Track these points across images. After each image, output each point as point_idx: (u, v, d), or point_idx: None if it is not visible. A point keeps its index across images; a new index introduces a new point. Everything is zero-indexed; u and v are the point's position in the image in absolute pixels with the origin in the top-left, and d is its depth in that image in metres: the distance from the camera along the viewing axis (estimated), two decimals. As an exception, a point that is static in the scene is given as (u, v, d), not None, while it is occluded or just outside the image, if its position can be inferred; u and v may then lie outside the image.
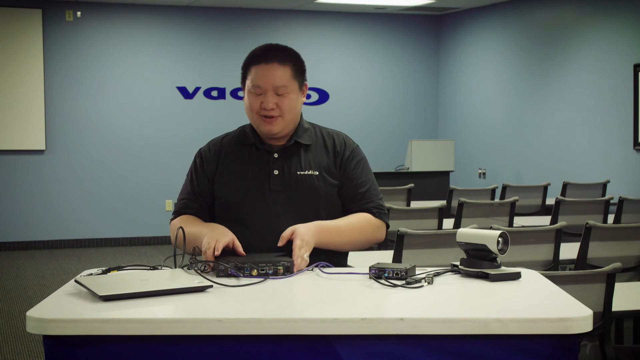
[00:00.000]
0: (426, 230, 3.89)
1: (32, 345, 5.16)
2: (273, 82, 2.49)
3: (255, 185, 2.52)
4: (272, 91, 2.49)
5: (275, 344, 1.77)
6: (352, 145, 2.64)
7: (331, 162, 2.57)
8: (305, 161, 2.55)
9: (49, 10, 9.28)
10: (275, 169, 2.54)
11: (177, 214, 2.63)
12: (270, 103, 2.49)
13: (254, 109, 2.52)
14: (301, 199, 2.51)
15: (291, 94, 2.52)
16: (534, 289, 2.09)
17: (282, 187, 2.52)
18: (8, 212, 9.26)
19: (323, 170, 2.55)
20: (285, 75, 2.51)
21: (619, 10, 8.07)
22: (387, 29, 10.62)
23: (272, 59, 2.51)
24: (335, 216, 2.55)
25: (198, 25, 9.85)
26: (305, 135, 2.60)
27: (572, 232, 5.01)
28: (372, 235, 2.57)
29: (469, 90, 10.34)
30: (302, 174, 2.53)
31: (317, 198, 2.52)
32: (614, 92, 8.06)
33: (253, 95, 2.52)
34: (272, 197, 2.51)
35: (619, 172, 7.95)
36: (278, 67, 2.50)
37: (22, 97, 9.16)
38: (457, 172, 10.02)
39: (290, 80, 2.52)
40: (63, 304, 1.90)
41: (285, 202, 2.51)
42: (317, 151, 2.58)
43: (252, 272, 2.17)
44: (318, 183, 2.53)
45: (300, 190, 2.52)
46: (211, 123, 9.82)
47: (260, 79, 2.50)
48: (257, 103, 2.51)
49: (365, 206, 2.56)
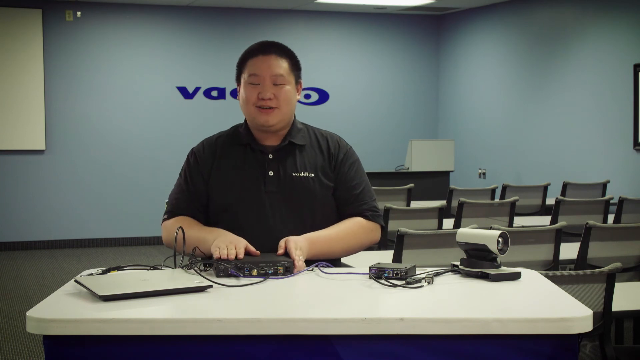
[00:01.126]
0: (426, 230, 3.89)
1: (32, 345, 5.16)
2: (271, 71, 2.49)
3: (250, 186, 2.51)
4: (269, 81, 2.49)
5: (275, 344, 1.77)
6: (346, 147, 2.63)
7: (326, 164, 2.57)
8: (300, 162, 2.54)
9: (49, 10, 9.28)
10: (270, 170, 2.52)
11: (171, 213, 2.57)
12: (268, 93, 2.48)
13: (250, 100, 2.51)
14: (297, 201, 2.50)
15: (288, 85, 2.52)
16: (534, 289, 2.09)
17: (278, 188, 2.51)
18: (8, 212, 9.26)
19: (319, 172, 2.54)
20: (283, 65, 2.51)
21: (619, 10, 8.07)
22: (387, 29, 10.62)
23: (270, 51, 2.52)
24: (330, 218, 2.55)
25: (198, 25, 9.85)
26: (299, 135, 2.59)
27: (572, 232, 5.01)
28: (366, 239, 2.56)
29: (469, 90, 10.34)
30: (297, 175, 2.52)
31: (313, 200, 2.52)
32: (614, 92, 8.06)
33: (250, 86, 2.51)
34: (267, 199, 2.50)
35: (619, 172, 7.95)
36: (276, 57, 2.52)
37: (22, 97, 9.17)
38: (457, 172, 10.02)
39: (288, 72, 2.52)
40: (63, 304, 1.89)
41: (281, 204, 2.50)
42: (311, 152, 2.57)
43: (252, 272, 2.16)
44: (314, 185, 2.52)
45: (296, 192, 2.51)
46: (211, 123, 9.80)
47: (258, 68, 2.49)
48: (254, 94, 2.50)
49: (359, 208, 2.56)
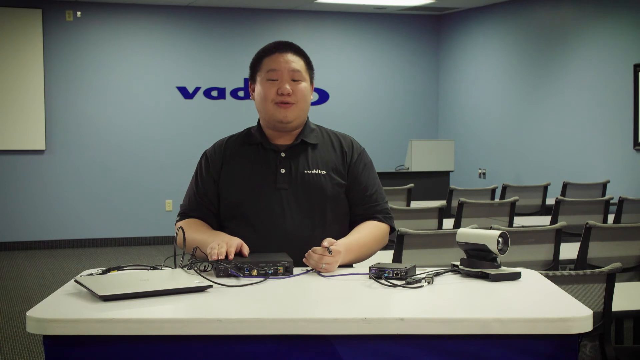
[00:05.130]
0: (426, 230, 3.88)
1: (32, 345, 5.16)
2: (289, 66, 2.52)
3: (261, 183, 2.51)
4: (288, 76, 2.52)
5: (275, 344, 1.77)
6: (359, 148, 2.65)
7: (339, 162, 2.58)
8: (312, 160, 2.55)
9: (49, 10, 9.28)
10: (282, 167, 2.53)
11: (183, 215, 2.62)
12: (287, 87, 2.50)
13: (268, 97, 2.52)
14: (307, 198, 2.51)
15: (305, 82, 2.55)
16: (534, 289, 2.09)
17: (289, 185, 2.51)
18: (8, 212, 9.26)
19: (330, 170, 2.55)
20: (300, 63, 2.56)
21: (619, 10, 8.07)
22: (387, 29, 10.62)
23: (286, 50, 2.56)
24: (342, 217, 2.56)
25: (198, 25, 9.85)
26: (312, 134, 2.61)
27: (572, 232, 5.01)
28: (383, 243, 2.60)
29: (469, 90, 10.34)
30: (309, 172, 2.53)
31: (324, 197, 2.52)
32: (614, 92, 8.06)
33: (268, 82, 2.53)
34: (278, 195, 2.50)
35: (619, 172, 7.95)
36: (293, 55, 2.56)
37: (22, 97, 9.16)
38: (457, 172, 10.02)
39: (304, 70, 2.57)
40: (63, 304, 1.90)
41: (292, 201, 2.50)
42: (324, 151, 2.59)
43: (252, 272, 2.16)
44: (325, 182, 2.53)
45: (307, 189, 2.51)
46: (211, 123, 9.82)
47: (276, 63, 2.53)
48: (272, 90, 2.52)
49: (372, 210, 2.57)
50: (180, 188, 10.05)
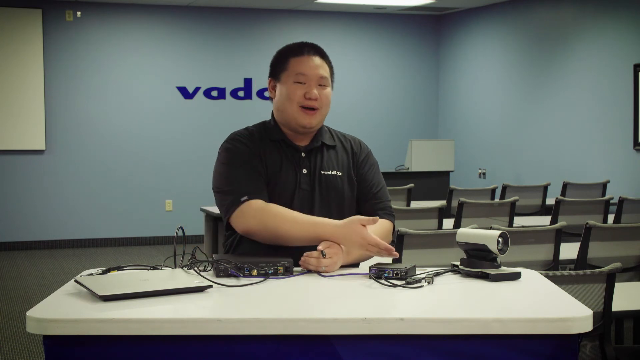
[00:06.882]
0: (426, 230, 3.89)
1: (32, 345, 5.16)
2: (318, 72, 2.52)
3: (286, 182, 2.51)
4: (315, 82, 2.51)
5: (275, 344, 1.77)
6: (366, 149, 2.69)
7: (351, 164, 2.61)
8: (329, 162, 2.57)
9: (49, 10, 9.28)
10: (303, 167, 2.54)
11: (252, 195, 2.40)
12: (315, 93, 2.50)
13: (294, 99, 2.50)
14: (327, 199, 2.53)
15: (329, 87, 2.56)
16: (534, 289, 2.09)
17: (310, 186, 2.52)
18: (8, 212, 9.26)
19: (345, 172, 2.58)
20: (326, 68, 2.56)
21: (619, 10, 8.07)
22: (387, 29, 10.62)
23: (313, 53, 2.56)
24: None
25: (198, 25, 9.85)
26: (327, 136, 2.62)
27: (572, 232, 5.01)
28: (388, 239, 2.59)
29: (469, 90, 10.34)
30: (327, 174, 2.55)
31: (342, 198, 2.55)
32: (614, 92, 8.06)
33: (295, 85, 2.50)
34: (300, 196, 2.51)
35: (619, 172, 7.95)
36: (320, 60, 2.55)
37: (22, 97, 9.16)
38: (457, 172, 10.02)
39: (329, 75, 2.57)
40: (63, 304, 1.89)
41: (312, 201, 2.51)
42: (339, 152, 2.61)
43: (252, 272, 2.17)
44: (342, 184, 2.56)
45: (326, 190, 2.53)
46: (211, 123, 9.82)
47: (307, 68, 2.51)
48: (299, 93, 2.50)
49: (376, 206, 2.59)
50: (180, 188, 10.09)
